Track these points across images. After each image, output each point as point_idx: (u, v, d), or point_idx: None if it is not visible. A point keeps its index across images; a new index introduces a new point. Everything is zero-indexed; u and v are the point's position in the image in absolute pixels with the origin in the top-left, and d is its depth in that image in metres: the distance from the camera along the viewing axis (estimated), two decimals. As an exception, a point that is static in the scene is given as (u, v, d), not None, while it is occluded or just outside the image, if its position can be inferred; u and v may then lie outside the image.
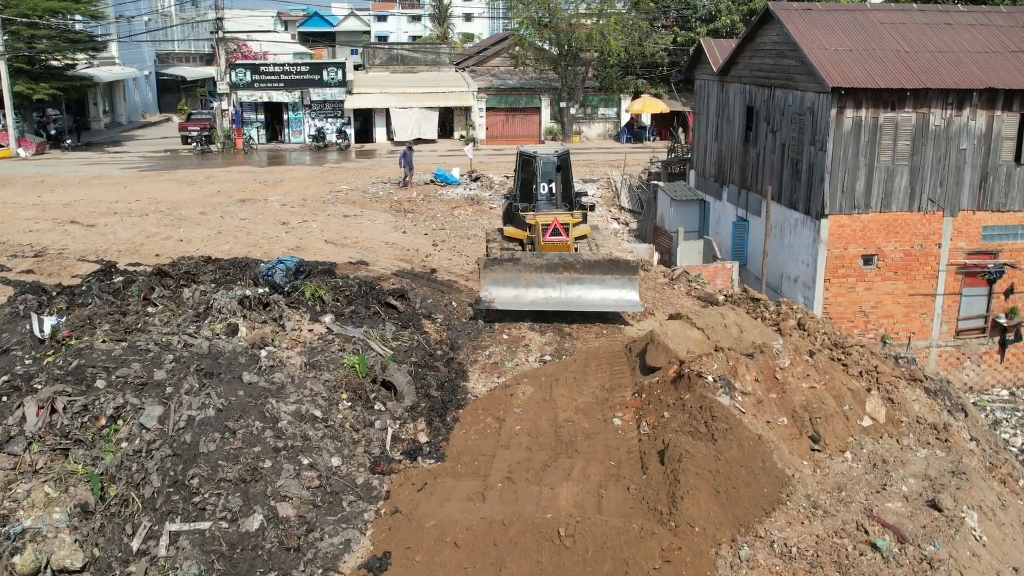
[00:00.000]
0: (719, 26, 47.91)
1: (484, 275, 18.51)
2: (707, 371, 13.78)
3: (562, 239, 19.29)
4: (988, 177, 23.19)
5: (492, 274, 18.46)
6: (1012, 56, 23.35)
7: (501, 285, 18.44)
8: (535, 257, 18.64)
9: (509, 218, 21.51)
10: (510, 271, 18.45)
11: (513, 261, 18.48)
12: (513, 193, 21.69)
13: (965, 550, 11.09)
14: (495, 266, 18.50)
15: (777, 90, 24.96)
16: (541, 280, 18.46)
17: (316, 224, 29.09)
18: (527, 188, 20.59)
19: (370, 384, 14.82)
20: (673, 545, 10.42)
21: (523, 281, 18.47)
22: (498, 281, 18.46)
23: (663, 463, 12.26)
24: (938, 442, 14.13)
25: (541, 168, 20.04)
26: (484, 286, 18.51)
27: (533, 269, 18.43)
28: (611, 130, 52.76)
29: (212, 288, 18.13)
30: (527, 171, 20.57)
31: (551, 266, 18.39)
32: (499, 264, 18.53)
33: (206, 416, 12.78)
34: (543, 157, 20.22)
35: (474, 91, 50.00)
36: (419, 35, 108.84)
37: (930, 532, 11.34)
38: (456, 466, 13.04)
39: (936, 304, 23.78)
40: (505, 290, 18.42)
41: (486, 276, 18.49)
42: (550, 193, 20.15)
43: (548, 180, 20.19)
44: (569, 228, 19.36)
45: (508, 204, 21.87)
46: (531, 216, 19.70)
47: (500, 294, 18.43)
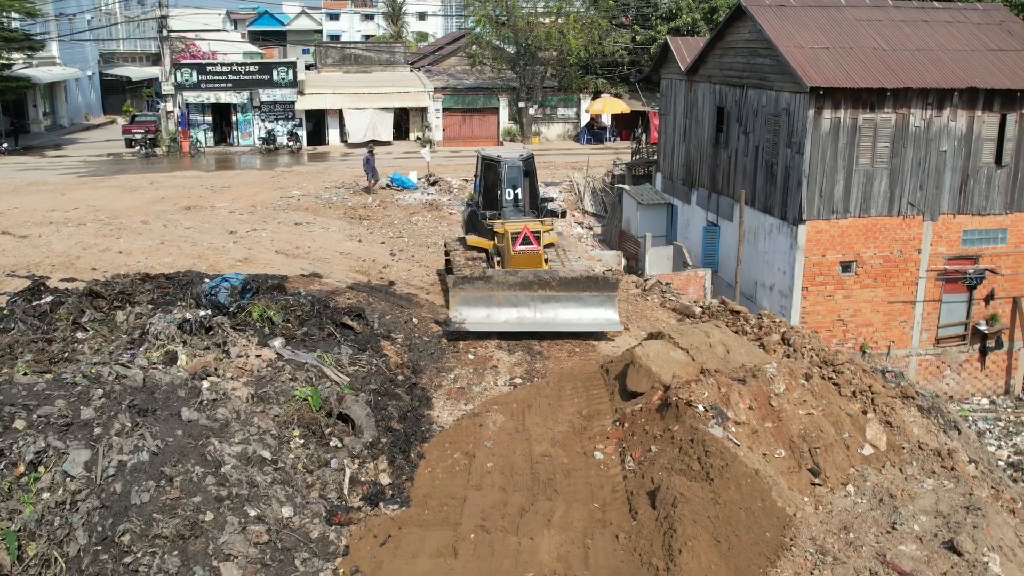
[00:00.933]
0: (680, 24, 47.02)
1: (454, 294, 17.33)
2: (697, 399, 12.58)
3: (533, 248, 18.08)
4: (969, 180, 22.39)
5: (462, 293, 17.31)
6: (991, 55, 22.57)
7: (472, 305, 17.35)
8: (508, 275, 17.45)
9: (472, 226, 20.24)
10: (481, 290, 17.31)
11: (485, 279, 17.33)
12: (475, 200, 20.38)
13: (990, 601, 10.03)
14: (465, 284, 17.34)
15: (750, 90, 23.93)
16: (515, 299, 17.34)
17: (266, 233, 27.49)
18: (491, 194, 19.37)
19: (325, 418, 13.39)
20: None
21: (495, 300, 17.34)
22: (469, 301, 17.35)
23: (654, 506, 11.03)
24: (944, 470, 13.10)
25: (506, 173, 18.87)
26: (454, 306, 17.36)
27: (506, 287, 17.27)
28: (571, 131, 51.62)
29: (149, 310, 16.56)
30: (490, 176, 19.38)
31: (525, 284, 17.26)
32: (469, 282, 17.36)
33: (139, 461, 11.27)
34: (507, 161, 19.01)
35: (430, 91, 48.55)
36: (372, 34, 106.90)
37: (951, 580, 10.26)
38: (423, 512, 11.68)
39: (916, 311, 22.95)
40: (477, 310, 17.35)
41: (456, 295, 17.32)
42: (516, 199, 18.97)
43: (513, 185, 19.01)
44: (540, 236, 18.20)
45: (470, 211, 20.54)
46: (499, 224, 18.38)
47: (471, 315, 17.34)
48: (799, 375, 13.54)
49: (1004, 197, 22.65)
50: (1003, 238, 22.95)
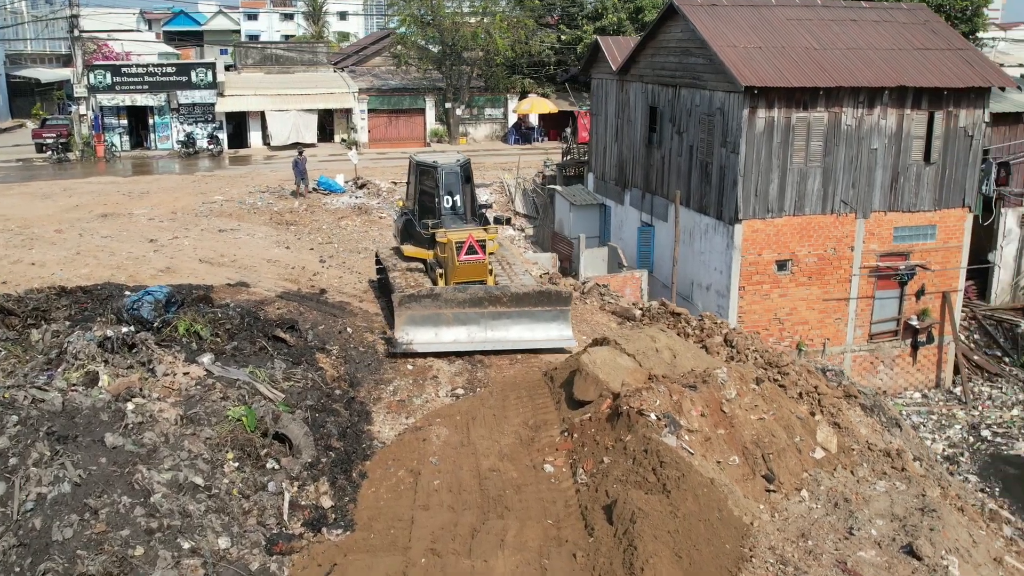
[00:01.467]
0: (606, 24, 47.00)
1: (399, 313, 16.54)
2: (649, 407, 12.24)
3: (479, 258, 17.40)
4: (899, 177, 22.66)
5: (408, 312, 16.52)
6: (918, 53, 22.87)
7: (419, 324, 16.58)
8: (457, 291, 16.73)
9: (408, 236, 19.37)
10: (429, 308, 16.56)
11: (432, 297, 16.60)
12: (410, 208, 19.58)
13: (952, 606, 9.90)
14: (411, 303, 16.54)
15: (683, 89, 23.82)
16: (464, 316, 16.64)
17: (188, 241, 26.37)
18: (427, 202, 18.67)
19: (260, 439, 12.67)
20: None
21: (443, 319, 16.61)
22: (415, 320, 16.56)
23: (611, 522, 10.64)
24: (894, 471, 13.03)
25: (443, 180, 18.19)
26: (400, 326, 16.58)
27: (455, 304, 16.56)
28: (498, 131, 51.21)
29: (67, 327, 15.54)
30: (426, 183, 18.70)
31: (475, 300, 16.57)
32: (416, 301, 16.57)
33: (60, 493, 10.44)
34: (445, 168, 18.32)
35: (355, 92, 47.59)
36: (292, 34, 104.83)
37: (913, 586, 10.11)
38: (369, 536, 11.08)
39: (850, 308, 23.15)
40: (424, 330, 16.60)
41: (401, 315, 16.53)
42: (455, 207, 18.30)
43: (451, 193, 18.32)
44: (485, 245, 17.52)
45: (405, 220, 19.65)
46: (441, 234, 17.57)
47: (419, 335, 16.60)
48: (749, 379, 13.33)
49: (933, 194, 22.99)
50: (932, 234, 23.30)
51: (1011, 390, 24.04)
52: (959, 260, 23.78)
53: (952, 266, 23.60)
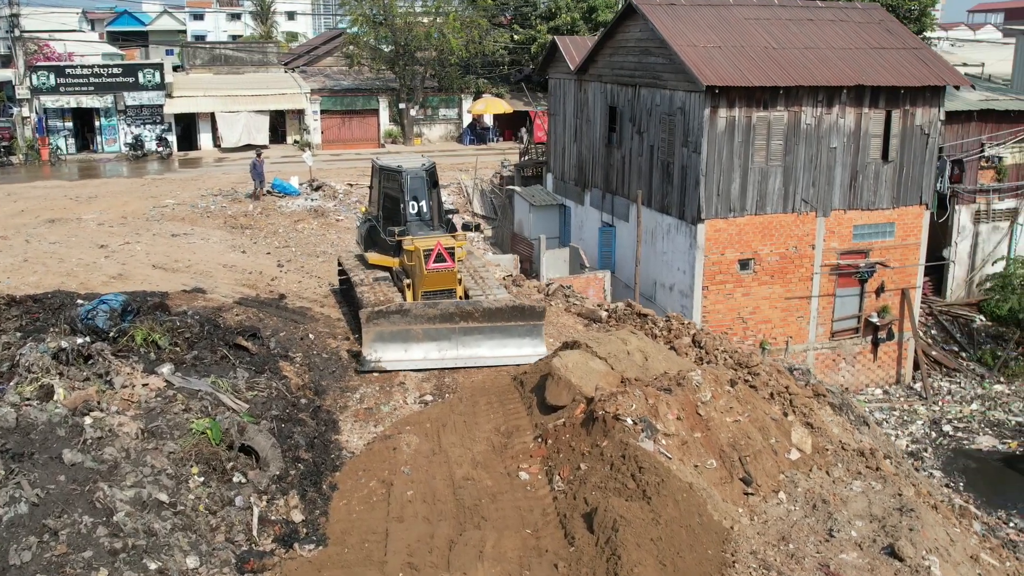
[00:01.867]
0: (559, 23, 46.93)
1: (367, 330, 15.93)
2: (625, 412, 12.07)
3: (447, 266, 16.91)
4: (858, 176, 22.84)
5: (377, 328, 15.93)
6: (875, 52, 23.07)
7: (388, 341, 16.02)
8: (427, 307, 16.18)
9: (371, 243, 18.78)
10: (398, 324, 16.00)
11: (401, 312, 16.01)
12: (374, 215, 18.92)
13: (934, 606, 9.87)
14: (380, 319, 15.92)
15: (643, 89, 23.75)
16: (435, 332, 16.10)
17: (140, 246, 25.66)
18: (392, 208, 18.06)
19: (226, 452, 12.25)
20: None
21: (413, 335, 16.06)
22: (384, 336, 16.00)
23: (592, 530, 10.43)
24: (869, 471, 13.01)
25: (409, 185, 17.65)
26: (368, 343, 16.01)
27: (425, 320, 16.04)
28: (453, 131, 50.84)
29: (17, 339, 14.94)
30: (390, 188, 18.10)
31: (446, 316, 16.05)
32: (384, 317, 15.95)
33: (17, 514, 9.96)
34: (410, 172, 17.75)
35: (307, 93, 46.89)
36: (240, 34, 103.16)
37: (896, 588, 10.07)
38: (343, 551, 10.74)
39: (811, 306, 23.28)
40: (393, 347, 16.05)
41: (369, 331, 15.93)
42: (420, 212, 17.78)
43: (417, 198, 17.79)
44: (455, 253, 17.01)
45: (368, 227, 19.01)
46: (408, 241, 16.99)
47: (387, 352, 16.04)
48: (724, 381, 13.22)
49: (891, 192, 23.21)
50: (891, 232, 23.52)
51: (969, 385, 24.39)
52: (917, 257, 24.05)
53: (910, 263, 23.87)
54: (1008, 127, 27.16)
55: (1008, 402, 23.33)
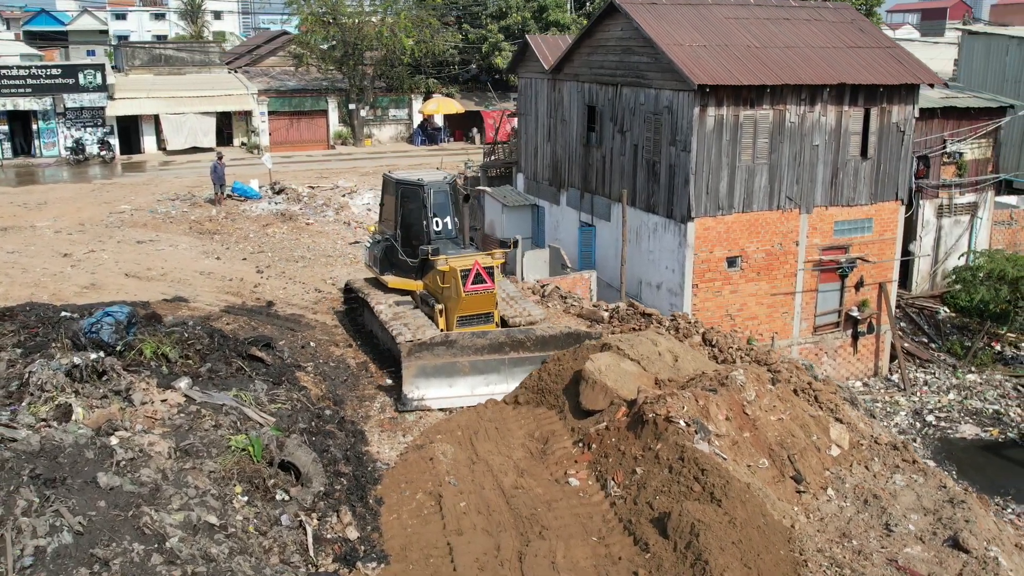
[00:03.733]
0: (510, 23, 46.79)
1: (408, 365, 14.54)
2: (676, 414, 11.95)
3: (487, 287, 15.49)
4: (838, 172, 23.20)
5: (419, 362, 14.54)
6: (851, 52, 23.48)
7: (431, 376, 14.65)
8: (475, 337, 14.86)
9: (388, 264, 17.35)
10: (442, 356, 14.63)
11: (446, 344, 14.68)
12: (390, 233, 17.43)
13: (1008, 597, 10.00)
14: (423, 352, 14.57)
15: (625, 88, 23.73)
16: (482, 364, 14.75)
17: (107, 254, 24.63)
18: (412, 226, 16.67)
19: (266, 469, 11.77)
20: (734, 651, 8.48)
21: (459, 368, 14.71)
22: (427, 371, 14.61)
23: (666, 536, 10.28)
24: (905, 464, 13.17)
25: (432, 200, 16.30)
26: (409, 380, 14.62)
27: (473, 351, 14.72)
28: (403, 132, 50.24)
29: (18, 355, 14.13)
30: (410, 204, 16.69)
31: (495, 346, 14.81)
32: (427, 349, 14.61)
33: (62, 544, 9.35)
34: (433, 186, 16.39)
35: (254, 94, 45.76)
36: (164, 34, 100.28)
37: (969, 581, 10.17)
38: (407, 568, 10.39)
39: (795, 302, 23.57)
40: (437, 383, 14.69)
41: (410, 366, 14.54)
42: (445, 230, 16.48)
43: (441, 214, 16.43)
44: (493, 272, 15.61)
45: (385, 247, 17.47)
46: (442, 261, 15.47)
47: (431, 389, 14.68)
48: (765, 380, 13.23)
49: (869, 188, 23.64)
50: (869, 227, 23.96)
51: (943, 375, 25.02)
52: (893, 252, 24.57)
53: (887, 258, 24.36)
54: (968, 124, 27.99)
55: (983, 391, 24.00)
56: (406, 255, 16.74)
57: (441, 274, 15.57)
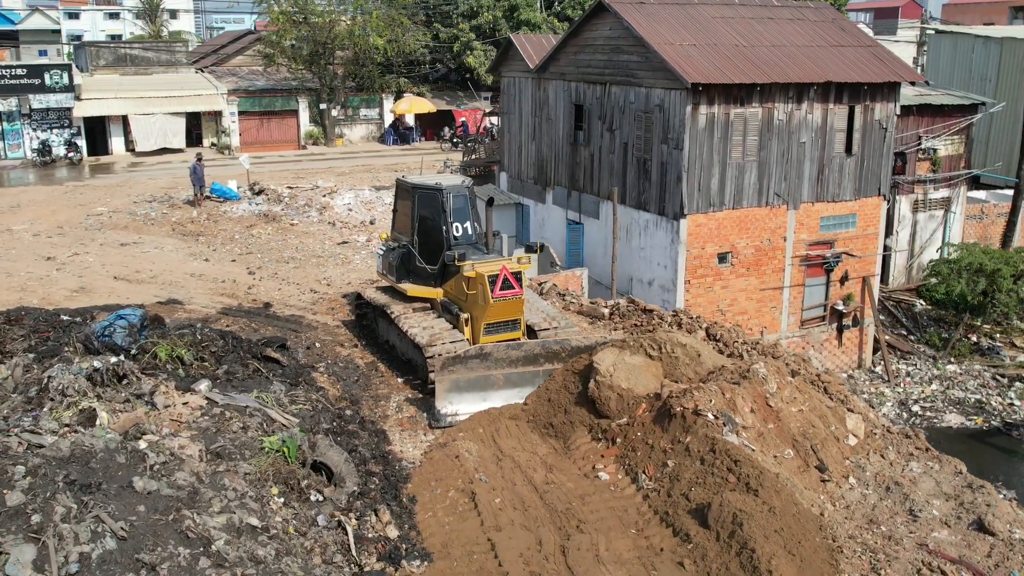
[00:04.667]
0: (481, 22, 46.85)
1: (441, 379, 14.12)
2: (704, 407, 12.16)
3: (515, 293, 15.12)
4: (824, 169, 23.65)
5: (452, 376, 14.09)
6: (834, 50, 23.95)
7: (464, 391, 14.22)
8: (510, 348, 14.47)
9: (405, 272, 16.88)
10: (476, 370, 14.21)
11: (480, 357, 14.26)
12: (406, 240, 16.96)
13: (1036, 577, 10.35)
14: (456, 366, 14.12)
15: (614, 87, 23.95)
16: (517, 377, 14.33)
17: (92, 257, 24.24)
18: (431, 232, 16.28)
19: (300, 469, 11.75)
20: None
21: (493, 382, 14.30)
22: (460, 386, 14.17)
23: (706, 526, 10.47)
24: (919, 452, 13.54)
25: (452, 204, 15.93)
26: (443, 393, 14.16)
27: (507, 364, 14.30)
28: (375, 132, 50.03)
29: (30, 359, 13.93)
30: (427, 209, 16.30)
31: (530, 358, 14.44)
32: (461, 363, 14.17)
33: (106, 550, 9.25)
34: (452, 190, 16.00)
35: (224, 94, 45.26)
36: (119, 33, 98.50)
37: (998, 561, 10.50)
38: (452, 565, 10.45)
39: (783, 296, 23.99)
40: (470, 397, 14.26)
41: (444, 380, 14.11)
42: (465, 235, 16.07)
43: (462, 219, 16.01)
44: (521, 278, 15.25)
45: (400, 254, 16.93)
46: (469, 267, 15.03)
47: (464, 404, 14.24)
48: (784, 372, 13.50)
49: (853, 184, 24.14)
50: (853, 222, 24.47)
51: (924, 366, 25.63)
52: (876, 246, 25.12)
53: (870, 252, 24.89)
54: (942, 121, 28.70)
55: (963, 381, 24.64)
56: (425, 262, 16.39)
57: (467, 280, 15.19)
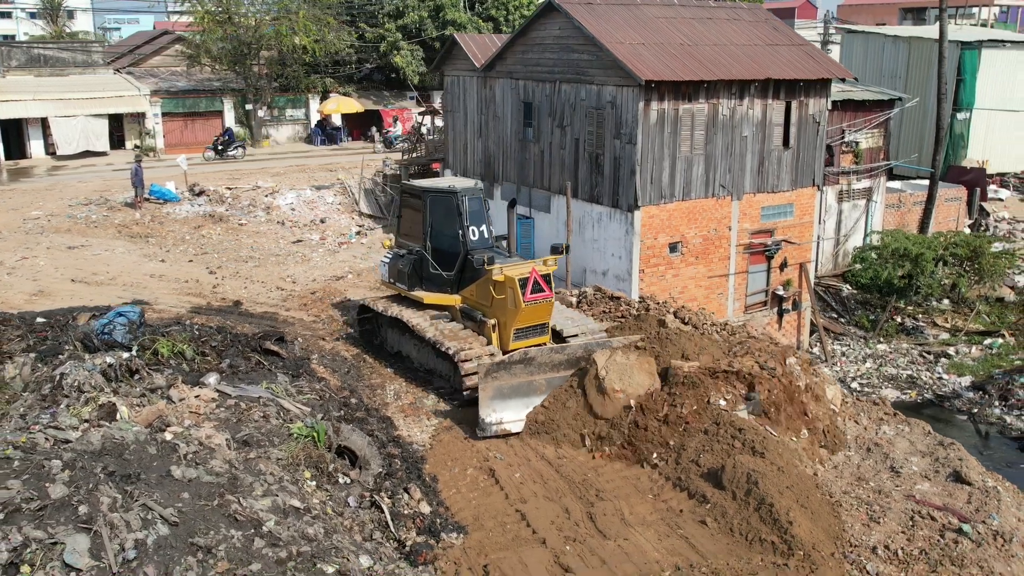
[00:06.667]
0: (407, 22, 47.13)
1: (485, 385, 13.59)
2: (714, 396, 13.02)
3: (545, 296, 14.85)
4: (764, 161, 24.95)
5: (496, 383, 13.61)
6: (770, 49, 25.30)
7: (508, 398, 13.76)
8: (552, 352, 14.02)
9: (418, 280, 16.43)
10: (519, 376, 13.78)
11: (524, 362, 13.80)
12: (418, 246, 16.48)
13: (1011, 516, 11.55)
14: (500, 372, 13.63)
15: (564, 85, 24.76)
16: (560, 381, 13.99)
17: (42, 260, 23.74)
18: (446, 237, 15.89)
19: (327, 454, 12.17)
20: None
21: (536, 387, 13.91)
22: (504, 392, 13.71)
23: (721, 487, 11.33)
24: (888, 416, 14.75)
25: (467, 207, 15.65)
26: (486, 401, 13.65)
27: (549, 368, 13.90)
28: (300, 132, 49.70)
29: (33, 359, 13.94)
30: (440, 213, 15.93)
31: (572, 361, 13.98)
32: (504, 369, 13.68)
33: (160, 536, 9.55)
34: (467, 193, 15.69)
35: (147, 95, 44.33)
36: (11, 33, 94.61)
37: (977, 506, 11.67)
38: (488, 535, 11.04)
39: (729, 283, 25.21)
40: (514, 404, 13.80)
41: (487, 387, 13.60)
42: (481, 239, 15.79)
43: (477, 222, 15.76)
44: (550, 280, 14.99)
45: (412, 260, 16.47)
46: (497, 271, 14.65)
47: (509, 411, 13.76)
48: (777, 352, 14.51)
49: (790, 175, 25.54)
50: (791, 211, 25.88)
51: (856, 346, 27.29)
52: (811, 234, 26.62)
53: (807, 239, 26.38)
54: (863, 115, 30.52)
55: (894, 358, 26.34)
56: (440, 268, 16.04)
57: (495, 284, 14.80)
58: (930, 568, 10.20)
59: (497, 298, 14.95)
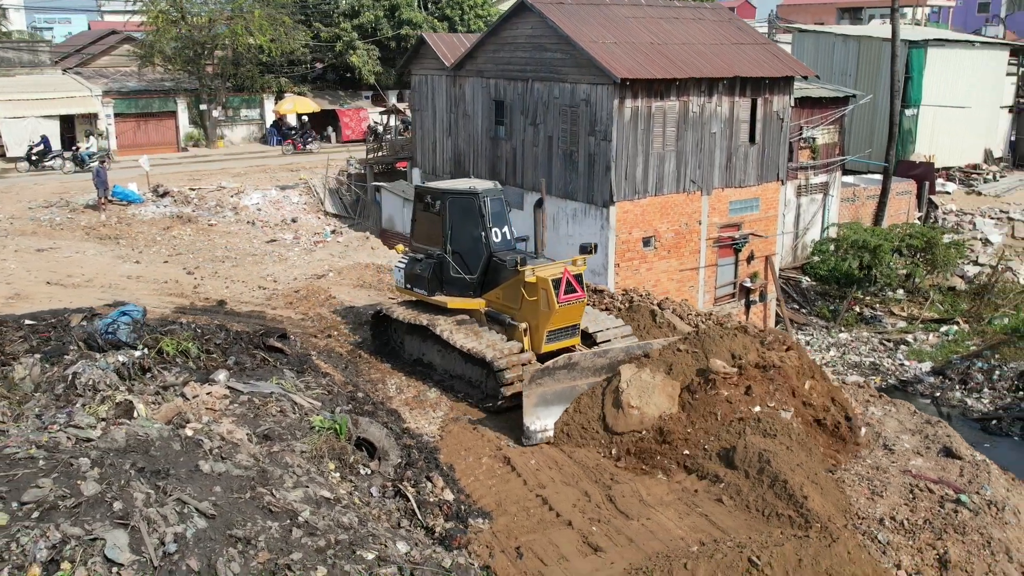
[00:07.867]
0: (363, 21, 47.13)
1: (530, 392, 13.30)
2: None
3: (578, 297, 14.66)
4: (732, 157, 25.69)
5: (540, 389, 13.34)
6: (735, 48, 26.04)
7: (551, 403, 13.49)
8: (596, 356, 13.78)
9: (438, 284, 16.06)
10: (562, 381, 13.53)
11: (568, 367, 13.56)
12: (439, 250, 16.02)
13: (1000, 487, 12.26)
14: (544, 378, 13.36)
15: (536, 83, 25.18)
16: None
17: (12, 263, 23.36)
18: (469, 239, 15.63)
19: (348, 446, 12.40)
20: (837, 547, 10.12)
21: (579, 392, 13.67)
22: (548, 399, 13.44)
23: (732, 467, 11.83)
24: (873, 398, 15.44)
25: (490, 209, 15.38)
26: (531, 408, 13.35)
27: (592, 372, 13.67)
28: (255, 132, 49.32)
29: (37, 360, 13.87)
30: (460, 215, 15.61)
31: (615, 365, 13.70)
32: (549, 375, 13.40)
33: (198, 529, 9.70)
34: (489, 194, 15.46)
35: (98, 95, 43.60)
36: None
37: (970, 478, 12.35)
38: (514, 520, 11.37)
39: (699, 276, 25.89)
40: (557, 410, 13.54)
41: (531, 394, 13.31)
42: (505, 240, 15.67)
43: (500, 224, 15.56)
44: (583, 280, 14.85)
45: (433, 264, 16.03)
46: (529, 272, 14.37)
47: (552, 418, 13.49)
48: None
49: (756, 170, 26.35)
50: (756, 206, 26.71)
51: (819, 335, 28.23)
52: (776, 227, 27.46)
53: (772, 233, 27.20)
54: (820, 112, 31.53)
55: (856, 347, 27.32)
56: (463, 271, 15.80)
57: (527, 286, 14.54)
58: (935, 536, 10.82)
59: (528, 300, 14.68)
